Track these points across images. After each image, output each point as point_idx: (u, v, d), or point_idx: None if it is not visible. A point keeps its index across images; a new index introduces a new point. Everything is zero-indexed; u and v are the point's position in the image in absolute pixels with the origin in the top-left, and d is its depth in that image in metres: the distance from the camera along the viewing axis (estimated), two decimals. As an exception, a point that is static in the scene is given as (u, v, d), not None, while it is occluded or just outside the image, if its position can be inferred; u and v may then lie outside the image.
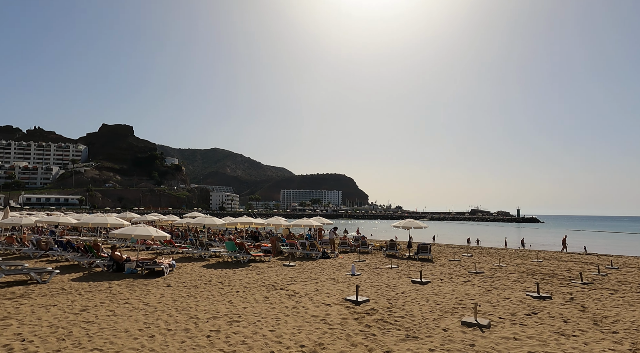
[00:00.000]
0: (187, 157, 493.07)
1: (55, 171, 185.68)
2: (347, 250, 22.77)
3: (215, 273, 13.48)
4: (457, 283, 12.24)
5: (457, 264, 17.39)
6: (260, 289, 10.76)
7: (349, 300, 9.44)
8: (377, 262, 17.86)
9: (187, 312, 8.15)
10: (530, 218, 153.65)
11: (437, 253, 22.42)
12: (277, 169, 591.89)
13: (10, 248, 19.26)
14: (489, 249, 27.62)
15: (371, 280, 12.72)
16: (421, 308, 8.76)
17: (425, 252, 19.33)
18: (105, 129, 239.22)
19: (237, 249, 17.25)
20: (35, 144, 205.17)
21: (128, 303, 8.78)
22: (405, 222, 22.50)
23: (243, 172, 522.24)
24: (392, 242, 21.69)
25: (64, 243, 16.76)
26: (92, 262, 14.44)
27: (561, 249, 30.20)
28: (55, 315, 7.71)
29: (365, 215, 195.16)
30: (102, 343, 6.07)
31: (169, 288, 10.71)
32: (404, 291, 10.81)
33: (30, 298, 9.12)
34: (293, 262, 17.02)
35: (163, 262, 13.37)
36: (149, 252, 19.94)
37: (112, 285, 10.93)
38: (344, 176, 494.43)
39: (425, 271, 14.87)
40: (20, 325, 6.98)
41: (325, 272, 14.27)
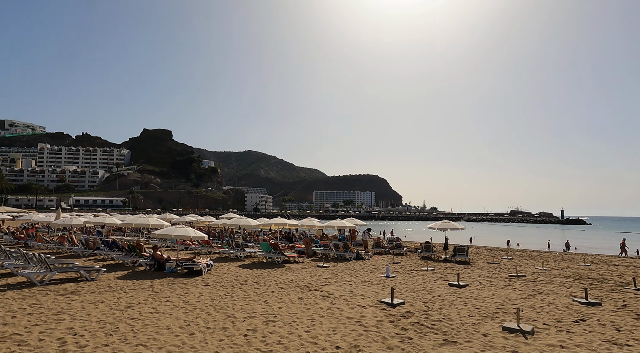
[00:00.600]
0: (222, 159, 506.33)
1: (101, 174, 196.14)
2: (381, 251, 22.53)
3: (250, 274, 13.74)
4: (497, 287, 11.80)
5: (497, 267, 16.77)
6: (295, 290, 10.85)
7: (384, 302, 9.33)
8: (412, 264, 17.54)
9: (224, 311, 8.35)
10: (575, 219, 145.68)
11: (474, 255, 21.73)
12: (310, 170, 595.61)
13: (62, 247, 20.53)
14: (530, 252, 26.42)
15: (406, 282, 12.52)
16: (459, 312, 8.52)
17: (463, 255, 18.79)
18: (146, 133, 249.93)
19: (271, 250, 17.50)
20: (83, 149, 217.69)
21: (169, 302, 9.12)
22: (441, 224, 21.96)
23: (276, 174, 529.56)
24: (428, 243, 21.25)
25: (109, 243, 17.66)
26: (136, 261, 15.12)
27: (619, 253, 27.99)
28: (103, 311, 8.14)
29: (399, 216, 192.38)
30: (146, 339, 6.34)
31: (207, 287, 11.03)
32: (441, 294, 10.56)
33: (81, 295, 9.67)
34: (327, 263, 17.05)
35: (201, 262, 13.79)
36: (187, 251, 20.62)
37: (154, 284, 11.40)
38: (377, 177, 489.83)
39: (463, 274, 14.44)
40: (72, 320, 7.42)
41: (359, 274, 14.19)
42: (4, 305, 8.49)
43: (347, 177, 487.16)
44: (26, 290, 10.06)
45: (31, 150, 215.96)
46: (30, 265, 12.31)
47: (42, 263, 11.66)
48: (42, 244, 21.79)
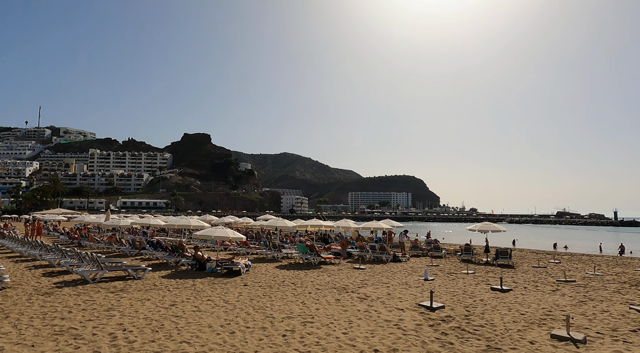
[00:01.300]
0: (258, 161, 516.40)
1: (146, 178, 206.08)
2: (418, 254, 22.09)
3: (287, 274, 13.90)
4: (543, 292, 11.23)
5: (543, 271, 15.96)
6: (332, 291, 10.86)
7: (423, 305, 9.14)
8: (452, 267, 17.07)
9: (263, 310, 8.51)
10: (630, 221, 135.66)
11: (518, 259, 20.80)
12: (345, 171, 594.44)
13: (111, 247, 21.73)
14: (580, 256, 24.93)
15: (446, 285, 12.19)
16: (503, 318, 8.18)
17: (505, 258, 18.04)
18: (186, 137, 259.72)
19: (308, 251, 17.63)
20: (129, 154, 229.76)
21: (210, 301, 9.42)
22: (481, 225, 21.21)
23: (311, 176, 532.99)
24: (468, 246, 20.59)
25: (154, 243, 18.48)
26: (178, 261, 15.73)
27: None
28: (149, 308, 8.53)
29: (437, 217, 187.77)
30: (189, 337, 6.58)
31: (245, 287, 11.28)
32: (483, 298, 10.19)
33: (129, 293, 10.20)
34: (363, 265, 16.94)
35: (240, 262, 14.13)
36: (226, 252, 21.19)
37: (195, 283, 11.81)
38: (413, 177, 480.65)
39: (506, 278, 13.86)
40: (121, 316, 7.84)
41: (396, 276, 13.98)
42: (62, 300, 9.11)
43: (382, 178, 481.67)
44: (80, 287, 10.74)
45: (83, 156, 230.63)
46: (84, 263, 13.13)
47: (94, 262, 12.40)
48: (94, 244, 23.17)
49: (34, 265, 14.94)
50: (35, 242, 19.34)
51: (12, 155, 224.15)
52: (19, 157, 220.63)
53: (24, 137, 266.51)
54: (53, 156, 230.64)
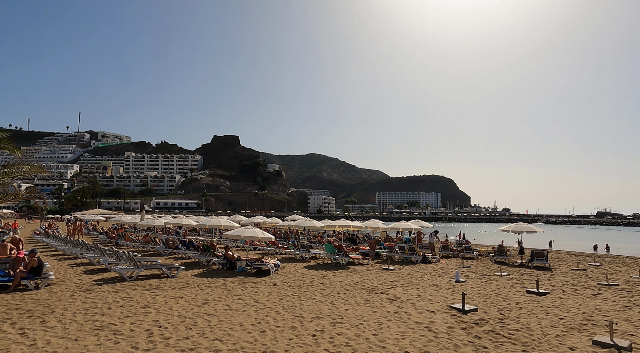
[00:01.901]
0: (286, 162, 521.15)
1: (178, 179, 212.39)
2: (449, 255, 21.61)
3: (316, 275, 13.95)
4: (583, 296, 10.73)
5: (583, 274, 15.24)
6: (361, 292, 10.81)
7: (455, 308, 8.94)
8: (484, 268, 16.59)
9: (292, 310, 8.58)
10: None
11: (555, 261, 19.96)
12: (372, 171, 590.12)
13: (146, 246, 22.54)
14: (623, 258, 23.60)
15: (478, 287, 11.87)
16: (540, 322, 7.88)
17: (542, 260, 17.35)
18: (216, 139, 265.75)
19: (336, 251, 17.62)
20: (162, 156, 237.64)
21: (241, 299, 9.59)
22: (515, 226, 20.51)
23: (339, 176, 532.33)
24: (501, 247, 19.95)
25: (187, 243, 19.03)
26: (210, 260, 16.11)
27: None
28: (183, 306, 8.78)
29: (468, 218, 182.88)
30: (221, 335, 6.73)
31: (275, 287, 11.41)
32: (518, 302, 9.85)
33: (163, 290, 10.54)
34: (392, 266, 16.75)
35: (269, 262, 14.31)
36: (256, 252, 21.51)
37: (226, 282, 12.06)
38: (442, 177, 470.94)
39: (543, 281, 13.33)
40: (157, 313, 8.11)
41: (426, 278, 13.75)
42: (102, 297, 9.54)
43: (410, 178, 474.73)
44: (118, 285, 11.21)
45: (119, 158, 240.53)
46: (121, 262, 13.69)
47: (130, 260, 12.91)
48: (130, 243, 24.11)
49: (75, 263, 15.72)
50: (77, 241, 20.34)
51: (54, 158, 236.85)
52: (61, 160, 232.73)
53: (65, 141, 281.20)
54: (92, 159, 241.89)
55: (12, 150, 9.21)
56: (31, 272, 10.57)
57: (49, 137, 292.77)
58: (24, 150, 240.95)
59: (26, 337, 6.41)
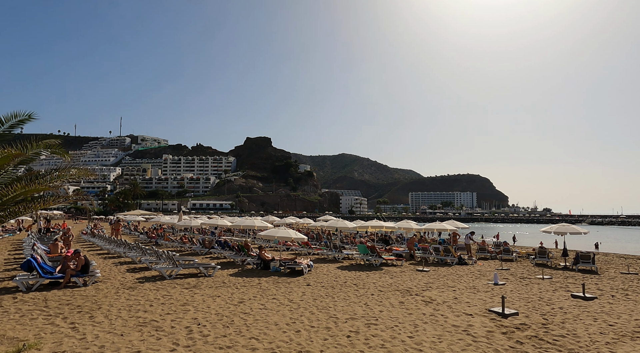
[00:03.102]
0: (317, 163, 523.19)
1: (212, 180, 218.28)
2: (486, 256, 20.92)
3: (349, 275, 13.91)
4: (635, 302, 10.07)
5: (634, 278, 14.31)
6: (395, 294, 10.67)
7: (494, 311, 8.64)
8: (524, 271, 15.94)
9: (326, 311, 8.59)
10: None
11: (603, 264, 18.86)
12: (405, 171, 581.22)
13: (184, 245, 23.31)
14: (680, 261, 21.94)
15: (518, 291, 11.42)
16: (587, 329, 7.47)
17: (588, 262, 16.45)
18: (249, 141, 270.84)
19: (368, 252, 17.49)
20: (198, 158, 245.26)
21: (275, 299, 9.72)
22: (557, 227, 19.55)
23: (370, 176, 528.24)
24: (542, 249, 19.12)
25: (222, 243, 19.51)
26: (244, 260, 16.44)
27: None
28: (220, 305, 9.01)
29: (505, 218, 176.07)
30: (257, 333, 6.85)
31: (308, 287, 11.47)
32: (562, 306, 9.39)
33: (201, 289, 10.86)
34: (426, 267, 16.43)
35: (302, 263, 14.41)
36: (289, 252, 21.73)
37: (261, 282, 12.26)
38: (478, 176, 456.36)
39: (589, 284, 12.64)
40: (195, 311, 8.37)
41: (463, 280, 13.38)
42: (144, 294, 9.96)
43: (444, 177, 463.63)
44: (159, 283, 11.66)
45: (157, 161, 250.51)
46: (161, 261, 14.23)
47: (170, 259, 13.39)
48: (168, 243, 25.02)
49: (119, 262, 16.50)
50: (120, 240, 21.35)
51: (99, 162, 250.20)
52: (104, 164, 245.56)
53: (108, 145, 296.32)
54: (132, 162, 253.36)
55: (63, 155, 9.78)
56: (80, 269, 11.20)
57: (94, 142, 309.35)
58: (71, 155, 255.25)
59: (77, 331, 6.80)
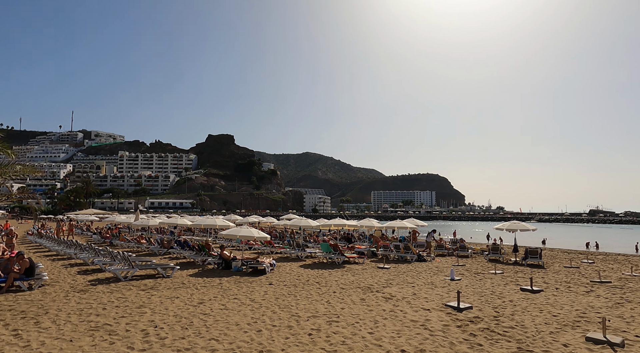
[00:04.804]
0: (281, 161, 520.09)
1: (172, 178, 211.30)
2: (443, 253, 21.73)
3: (312, 274, 13.96)
4: (576, 294, 10.84)
5: (576, 272, 15.40)
6: (357, 291, 10.84)
7: (450, 306, 8.99)
8: (479, 266, 16.71)
9: (288, 309, 8.58)
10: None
11: (549, 259, 20.14)
12: (367, 170, 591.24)
13: (141, 246, 22.42)
14: (615, 255, 23.88)
15: (473, 285, 11.95)
16: (534, 320, 7.96)
17: (535, 257, 17.50)
18: (211, 139, 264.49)
19: (331, 250, 17.65)
20: (156, 155, 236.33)
21: (237, 299, 9.57)
22: (509, 224, 20.67)
23: (334, 175, 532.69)
24: (495, 245, 20.10)
25: (181, 243, 18.95)
26: (205, 260, 16.06)
27: None
28: (179, 306, 8.75)
29: (462, 216, 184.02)
30: (217, 334, 6.72)
31: (271, 286, 11.40)
32: (512, 299, 9.94)
33: (158, 290, 10.50)
34: (387, 264, 16.81)
35: (265, 262, 14.29)
36: (251, 251, 21.48)
37: (222, 282, 12.03)
38: (437, 176, 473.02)
39: (537, 278, 13.46)
40: (152, 313, 8.08)
41: (422, 276, 13.81)
42: (96, 297, 9.48)
43: (405, 177, 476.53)
44: (113, 285, 11.14)
45: (113, 158, 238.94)
46: (116, 262, 13.60)
47: (125, 260, 12.83)
48: (124, 243, 23.97)
49: (69, 264, 15.60)
50: (71, 241, 20.18)
51: (47, 158, 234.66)
52: (53, 160, 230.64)
53: (58, 140, 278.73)
54: (85, 158, 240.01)
55: (5, 151, 9.10)
56: (24, 272, 10.48)
57: (41, 137, 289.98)
58: (15, 150, 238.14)
59: (20, 338, 6.36)
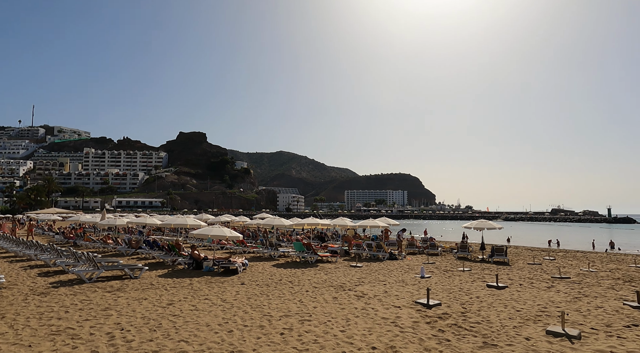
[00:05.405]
0: (255, 160, 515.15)
1: (141, 177, 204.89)
2: (414, 251, 22.18)
3: (285, 273, 13.92)
4: (539, 289, 11.33)
5: (538, 268, 16.10)
6: (329, 289, 10.90)
7: (420, 303, 9.20)
8: (448, 264, 17.16)
9: (260, 309, 8.52)
10: (623, 218, 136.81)
11: (513, 256, 20.96)
12: (341, 169, 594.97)
13: (107, 246, 21.64)
14: (574, 252, 25.14)
15: (442, 283, 12.27)
16: (499, 315, 8.26)
17: (501, 255, 18.16)
18: (182, 136, 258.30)
19: (304, 249, 17.65)
20: (125, 153, 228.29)
21: (207, 299, 9.42)
22: (477, 223, 21.34)
23: (308, 174, 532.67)
24: (464, 243, 20.71)
25: (150, 243, 18.42)
26: (175, 260, 15.69)
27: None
28: (147, 307, 8.51)
29: (433, 215, 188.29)
30: (187, 336, 6.58)
31: (243, 286, 11.28)
32: (479, 295, 10.27)
33: (126, 292, 10.17)
34: (360, 263, 16.99)
35: (237, 261, 14.12)
36: (223, 251, 21.17)
37: (192, 282, 11.80)
38: (409, 176, 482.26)
39: (502, 275, 13.97)
40: (119, 315, 7.82)
41: (393, 274, 14.05)
42: (58, 300, 9.08)
43: (378, 176, 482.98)
44: (77, 287, 10.70)
45: (78, 155, 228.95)
46: (80, 263, 13.07)
47: (90, 261, 12.35)
48: (89, 243, 23.04)
49: (29, 265, 14.86)
50: (30, 241, 19.22)
51: (5, 154, 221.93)
52: (12, 157, 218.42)
53: (17, 136, 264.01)
54: (47, 155, 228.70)
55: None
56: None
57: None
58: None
59: (-27, 345, 6.00)
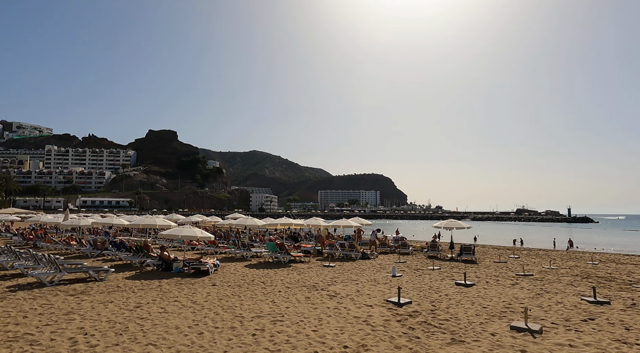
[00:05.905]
0: (227, 159, 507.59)
1: (108, 175, 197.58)
2: (386, 251, 22.51)
3: (257, 273, 13.80)
4: (504, 286, 11.76)
5: (504, 266, 16.70)
6: (302, 289, 10.89)
7: (391, 301, 9.34)
8: (418, 263, 17.52)
9: (232, 310, 8.40)
10: (582, 218, 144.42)
11: (481, 254, 21.65)
12: (315, 169, 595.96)
13: (70, 248, 20.72)
14: (537, 251, 26.27)
15: (413, 281, 12.51)
16: (466, 312, 8.51)
17: (469, 254, 18.73)
18: (151, 134, 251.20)
19: (277, 250, 17.56)
20: (90, 151, 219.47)
21: (177, 301, 9.19)
22: (446, 223, 21.91)
23: (281, 174, 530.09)
24: (434, 242, 21.20)
25: (117, 244, 17.80)
26: (143, 262, 15.23)
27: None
28: (113, 311, 8.22)
29: (404, 215, 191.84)
30: (155, 339, 6.40)
31: (214, 287, 11.09)
32: (448, 293, 10.55)
33: (90, 295, 9.78)
34: (333, 262, 17.07)
35: (208, 262, 13.87)
36: (194, 252, 20.73)
37: (162, 284, 11.49)
38: (381, 176, 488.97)
39: (470, 273, 14.41)
40: (82, 319, 7.51)
41: (365, 273, 14.20)
42: (16, 305, 8.61)
43: (352, 177, 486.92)
44: (36, 291, 10.19)
45: (38, 152, 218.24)
46: (40, 265, 12.45)
47: (51, 264, 11.79)
48: (51, 245, 22.00)
49: (-16, 269, 14.00)
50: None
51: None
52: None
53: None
54: (5, 152, 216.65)
55: None
56: None
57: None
58: None
59: None
